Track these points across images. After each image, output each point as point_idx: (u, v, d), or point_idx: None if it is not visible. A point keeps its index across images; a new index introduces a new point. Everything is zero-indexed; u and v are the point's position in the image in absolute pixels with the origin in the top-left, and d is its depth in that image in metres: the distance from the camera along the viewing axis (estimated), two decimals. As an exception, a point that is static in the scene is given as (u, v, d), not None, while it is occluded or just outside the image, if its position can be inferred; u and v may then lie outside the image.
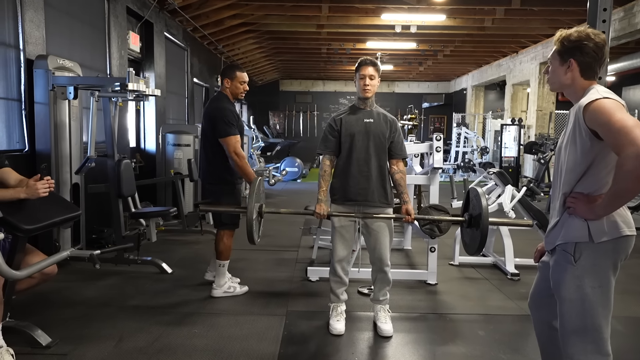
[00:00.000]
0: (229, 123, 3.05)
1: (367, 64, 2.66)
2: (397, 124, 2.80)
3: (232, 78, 3.16)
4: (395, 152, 2.76)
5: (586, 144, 1.56)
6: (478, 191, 2.61)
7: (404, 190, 2.75)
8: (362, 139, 2.67)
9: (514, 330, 2.87)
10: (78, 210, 2.60)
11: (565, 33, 1.62)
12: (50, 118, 3.80)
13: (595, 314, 1.59)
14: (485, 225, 2.43)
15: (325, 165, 2.73)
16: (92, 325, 2.77)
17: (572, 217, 1.63)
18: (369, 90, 2.67)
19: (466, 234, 2.75)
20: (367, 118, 2.70)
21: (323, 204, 2.68)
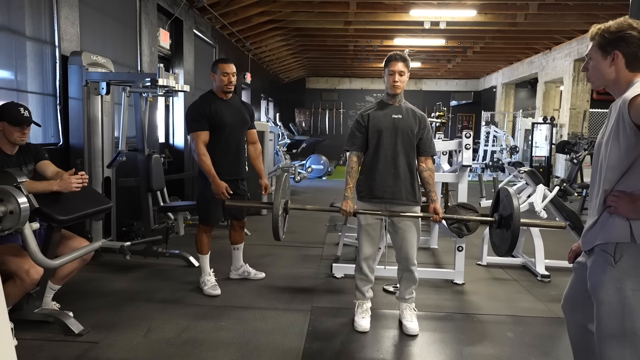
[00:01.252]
0: (193, 119, 3.04)
1: (396, 60, 2.60)
2: (426, 120, 2.75)
3: (215, 71, 3.10)
4: (423, 149, 2.71)
5: (631, 140, 1.48)
6: (509, 191, 2.53)
7: (432, 188, 2.70)
8: (390, 135, 2.63)
9: (544, 333, 2.78)
10: (109, 203, 2.67)
11: (603, 26, 1.55)
12: (84, 113, 3.90)
13: (635, 318, 1.51)
14: (517, 226, 2.36)
15: (352, 162, 2.70)
16: (121, 316, 2.84)
17: (612, 217, 1.55)
18: (398, 87, 2.62)
19: (495, 235, 2.67)
20: (395, 114, 2.66)
21: (350, 201, 2.66)
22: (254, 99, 11.59)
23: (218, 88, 3.14)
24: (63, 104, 3.99)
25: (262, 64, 12.24)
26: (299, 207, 2.94)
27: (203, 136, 3.04)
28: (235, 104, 3.24)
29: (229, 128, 3.12)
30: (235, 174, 3.20)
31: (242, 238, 3.49)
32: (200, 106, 3.10)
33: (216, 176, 3.01)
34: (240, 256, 3.52)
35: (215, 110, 3.07)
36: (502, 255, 2.59)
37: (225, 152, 3.13)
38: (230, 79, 3.09)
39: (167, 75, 3.71)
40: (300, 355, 2.39)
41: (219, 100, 3.14)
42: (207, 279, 3.21)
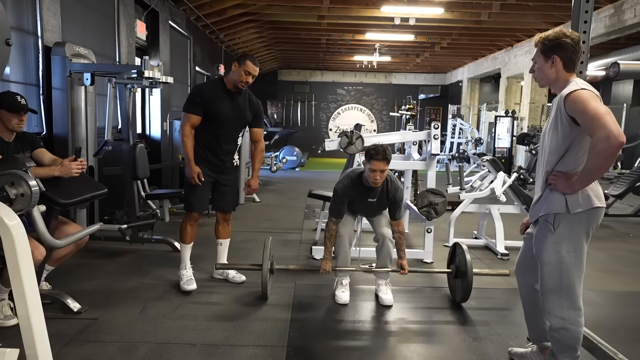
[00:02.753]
0: (190, 100, 3.05)
1: (378, 160, 2.73)
2: (399, 193, 2.96)
3: (240, 64, 3.01)
4: (396, 215, 3.01)
5: (566, 129, 1.81)
6: (463, 247, 2.96)
7: (402, 248, 3.03)
8: (365, 210, 3.09)
9: (503, 301, 3.15)
10: (104, 189, 2.82)
11: (543, 35, 1.88)
12: (68, 103, 3.99)
13: (570, 274, 1.85)
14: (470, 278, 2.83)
15: (331, 229, 2.97)
16: (116, 295, 3.01)
17: (552, 192, 1.88)
18: (378, 183, 2.82)
19: (452, 282, 3.09)
20: (371, 198, 2.96)
21: (328, 261, 2.98)
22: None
23: (233, 80, 3.03)
24: (46, 94, 4.06)
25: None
26: (283, 268, 3.20)
27: (193, 119, 3.00)
28: (240, 100, 3.11)
29: (222, 120, 3.03)
30: (219, 166, 3.13)
31: (227, 233, 3.33)
32: (202, 90, 3.06)
33: (192, 160, 3.01)
34: (224, 253, 3.35)
35: (215, 98, 3.01)
36: (458, 301, 3.00)
37: (213, 142, 3.07)
38: (248, 80, 3.02)
39: (152, 66, 3.85)
40: (288, 324, 2.65)
41: (224, 90, 3.05)
42: (182, 273, 3.14)
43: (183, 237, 3.20)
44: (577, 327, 1.88)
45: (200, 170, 3.05)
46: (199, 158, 3.08)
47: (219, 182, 3.19)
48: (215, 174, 3.15)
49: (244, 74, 3.00)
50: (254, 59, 3.08)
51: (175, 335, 2.49)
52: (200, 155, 3.09)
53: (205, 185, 3.12)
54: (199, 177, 3.05)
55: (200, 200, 3.15)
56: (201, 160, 3.08)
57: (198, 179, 3.05)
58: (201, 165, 3.08)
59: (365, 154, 2.82)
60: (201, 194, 3.14)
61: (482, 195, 4.26)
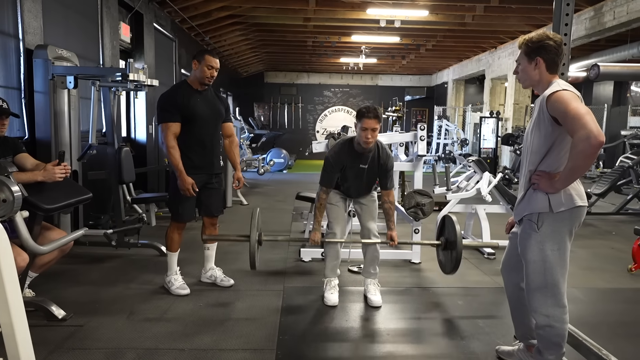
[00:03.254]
0: (164, 110, 2.94)
1: (370, 117, 2.73)
2: (390, 160, 2.98)
3: (200, 60, 2.95)
4: (386, 184, 3.02)
5: (548, 129, 1.84)
6: (452, 219, 2.93)
7: (391, 219, 3.03)
8: (356, 178, 3.00)
9: (490, 300, 3.19)
10: (89, 194, 2.78)
11: (527, 37, 1.91)
12: (50, 107, 3.92)
13: (554, 272, 1.89)
14: (460, 250, 2.78)
15: (321, 198, 2.97)
16: (102, 301, 2.96)
17: (536, 192, 1.92)
18: (370, 143, 2.80)
19: (441, 255, 3.07)
20: (363, 163, 2.94)
21: (318, 232, 2.95)
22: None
23: (197, 78, 2.99)
24: (28, 97, 3.99)
25: (221, 58, 12.19)
26: (272, 239, 3.18)
27: (173, 128, 2.93)
28: (209, 96, 3.10)
29: (202, 120, 3.00)
30: (209, 168, 3.10)
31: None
32: (172, 96, 2.97)
33: (183, 171, 2.92)
34: (211, 257, 3.31)
35: (189, 101, 2.95)
36: (447, 273, 2.97)
37: (197, 145, 3.02)
38: (213, 74, 2.97)
39: (137, 69, 3.81)
40: (277, 327, 2.64)
41: (192, 91, 3.01)
42: (173, 279, 3.11)
43: (170, 245, 3.15)
44: (562, 324, 1.91)
45: (193, 181, 2.98)
46: (186, 167, 2.98)
47: (206, 187, 3.14)
48: (203, 179, 3.09)
49: (207, 69, 2.97)
50: (212, 52, 3.06)
51: (163, 340, 2.46)
52: (186, 165, 2.98)
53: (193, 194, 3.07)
54: (193, 187, 2.98)
55: (189, 209, 3.11)
56: (188, 169, 2.98)
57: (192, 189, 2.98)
58: (189, 174, 2.99)
59: (357, 114, 2.83)
60: (190, 203, 3.09)
61: (469, 195, 4.30)
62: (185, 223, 3.17)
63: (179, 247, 3.20)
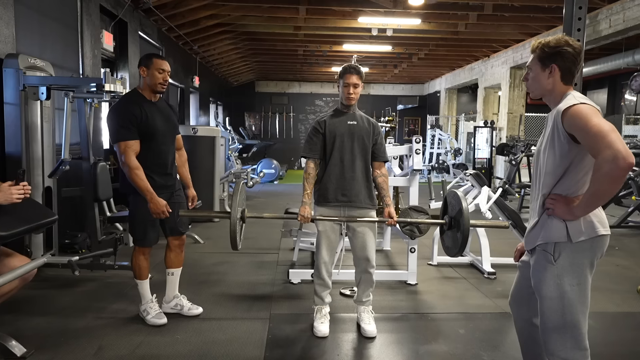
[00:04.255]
0: (121, 126, 2.62)
1: (351, 72, 2.66)
2: (379, 127, 2.86)
3: (148, 66, 2.69)
4: (377, 155, 2.80)
5: (564, 147, 1.63)
6: (457, 193, 2.67)
7: (386, 193, 2.79)
8: (346, 140, 2.71)
9: (493, 327, 2.95)
10: (54, 216, 2.53)
11: (544, 40, 1.69)
12: (21, 119, 3.65)
13: (574, 310, 1.66)
14: (467, 226, 2.49)
15: (309, 168, 2.74)
16: (69, 334, 2.69)
17: (551, 218, 1.69)
18: (352, 99, 2.71)
19: (447, 237, 2.80)
20: (350, 120, 2.75)
21: (307, 206, 2.68)
22: (202, 102, 11.34)
23: (149, 86, 2.72)
24: (-3, 109, 3.72)
25: (211, 67, 12.02)
26: (256, 216, 2.91)
27: (134, 146, 2.64)
28: (163, 107, 2.86)
29: (161, 136, 2.74)
30: (169, 186, 2.86)
31: (179, 262, 3.02)
32: (127, 110, 2.65)
33: (154, 193, 2.64)
34: (175, 284, 3.02)
35: (146, 115, 2.67)
36: (453, 256, 2.71)
37: (158, 164, 2.76)
38: (165, 77, 2.73)
39: (114, 79, 3.57)
40: (261, 364, 2.39)
41: (147, 102, 2.73)
42: (149, 307, 2.87)
43: (139, 273, 2.87)
44: (583, 368, 1.68)
45: (166, 202, 2.71)
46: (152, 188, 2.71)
47: (169, 202, 2.81)
48: (166, 197, 2.81)
49: (158, 73, 2.71)
50: (158, 54, 2.86)
51: (132, 382, 2.20)
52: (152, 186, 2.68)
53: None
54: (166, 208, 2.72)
55: (153, 231, 2.84)
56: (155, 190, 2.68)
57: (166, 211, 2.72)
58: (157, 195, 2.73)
59: (339, 73, 2.71)
60: (154, 226, 2.83)
61: (467, 211, 4.08)
62: (151, 247, 2.90)
63: (148, 273, 2.94)
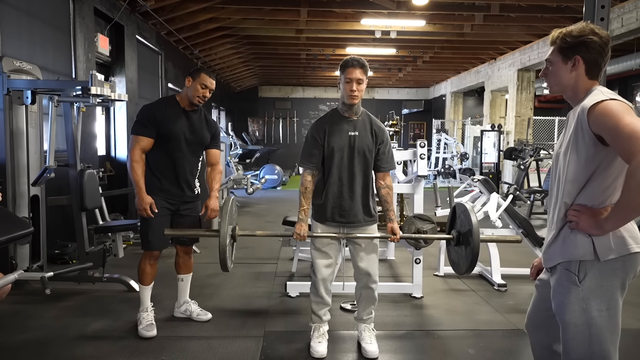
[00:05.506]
0: (139, 122, 2.71)
1: (354, 66, 2.34)
2: (385, 132, 2.54)
3: (195, 78, 2.76)
4: (382, 165, 2.52)
5: (590, 150, 1.41)
6: (466, 207, 2.46)
7: (390, 207, 2.54)
8: (346, 156, 2.44)
9: (505, 347, 2.72)
10: (29, 228, 2.34)
11: (565, 30, 1.48)
12: (6, 125, 3.49)
13: (602, 339, 1.43)
14: (477, 243, 2.28)
15: (306, 182, 2.48)
16: (48, 354, 2.50)
17: (574, 232, 1.47)
18: (356, 97, 2.38)
19: (454, 252, 2.60)
20: (352, 130, 2.44)
21: (304, 223, 2.47)
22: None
23: (187, 97, 2.76)
24: (-20, 115, 3.56)
25: (213, 72, 11.89)
26: (249, 234, 2.71)
27: (144, 142, 2.68)
28: (196, 119, 2.83)
29: (177, 142, 2.72)
30: (177, 195, 2.78)
31: (188, 267, 2.99)
32: (152, 110, 2.74)
33: (143, 188, 2.64)
34: (185, 290, 3.01)
35: (169, 118, 2.71)
36: (461, 274, 2.50)
37: (167, 168, 2.74)
38: (205, 94, 2.75)
39: (102, 83, 3.40)
40: (251, 391, 2.18)
41: (178, 108, 2.76)
42: (142, 317, 2.78)
43: (142, 278, 2.83)
44: (612, 404, 1.46)
45: (152, 201, 2.67)
46: (153, 188, 2.72)
47: (178, 213, 2.83)
48: (173, 205, 2.79)
49: (200, 87, 2.74)
50: (209, 71, 2.86)
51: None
52: (154, 185, 2.73)
53: (164, 219, 2.77)
54: (151, 208, 2.66)
55: (160, 237, 2.74)
56: (156, 191, 2.73)
57: (151, 211, 2.67)
58: (156, 196, 2.71)
59: (340, 67, 2.42)
60: (160, 229, 2.72)
61: (475, 219, 3.86)
62: (157, 252, 2.82)
63: (152, 280, 2.85)
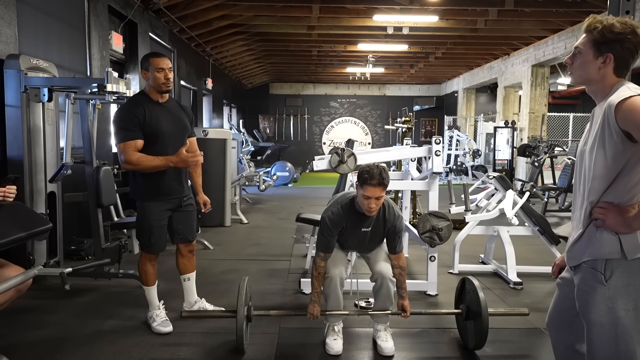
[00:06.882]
0: (123, 128, 2.57)
1: (373, 185, 2.30)
2: (400, 222, 2.55)
3: (147, 68, 2.62)
4: (392, 248, 2.59)
5: (617, 147, 1.38)
6: (475, 284, 2.52)
7: (403, 286, 2.57)
8: (358, 245, 2.65)
9: (523, 346, 2.69)
10: (47, 224, 2.36)
11: (606, 22, 1.42)
12: (23, 122, 3.53)
13: (629, 339, 1.40)
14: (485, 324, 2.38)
15: (319, 267, 2.51)
16: (65, 349, 2.53)
17: (600, 230, 1.44)
18: (373, 211, 2.40)
19: (462, 326, 2.64)
20: (365, 227, 2.53)
21: (317, 305, 2.50)
22: (215, 105, 11.25)
23: (153, 87, 2.65)
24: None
25: (224, 70, 11.93)
26: (263, 314, 2.72)
27: (133, 145, 2.56)
28: (172, 108, 2.75)
29: (167, 138, 2.64)
30: (177, 191, 2.75)
31: (192, 266, 2.96)
32: (131, 111, 2.59)
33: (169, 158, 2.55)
34: (192, 288, 2.99)
35: (150, 115, 2.60)
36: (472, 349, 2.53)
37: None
38: (167, 75, 2.62)
39: (117, 80, 3.42)
40: (267, 387, 2.18)
41: (153, 103, 2.65)
42: (155, 314, 2.78)
43: (145, 279, 2.82)
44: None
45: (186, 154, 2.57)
46: (152, 193, 2.68)
47: (178, 210, 2.80)
48: (173, 204, 2.77)
49: (158, 72, 2.62)
50: (156, 53, 2.79)
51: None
52: (154, 190, 2.67)
53: (165, 221, 2.77)
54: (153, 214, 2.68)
55: (161, 239, 2.78)
56: (155, 195, 2.68)
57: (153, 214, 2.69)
58: (156, 200, 2.68)
59: (358, 177, 2.38)
60: (161, 232, 2.77)
61: (491, 217, 3.82)
62: (157, 254, 2.81)
63: (155, 279, 2.87)
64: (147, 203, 2.69)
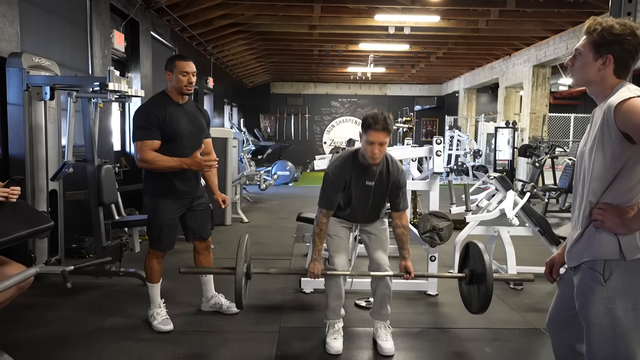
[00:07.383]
0: (142, 127, 2.62)
1: (377, 130, 2.29)
2: (402, 177, 2.55)
3: (172, 69, 2.69)
4: (397, 206, 2.58)
5: (616, 148, 1.39)
6: (479, 247, 2.46)
7: (405, 246, 2.58)
8: (362, 199, 2.57)
9: (522, 346, 2.70)
10: (49, 222, 2.37)
11: (606, 24, 1.43)
12: (25, 120, 3.54)
13: (628, 340, 1.41)
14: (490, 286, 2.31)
15: (321, 223, 2.52)
16: (67, 347, 2.54)
17: (599, 231, 1.45)
18: (377, 159, 2.38)
19: (466, 290, 2.60)
20: (369, 180, 2.51)
21: (318, 263, 2.49)
22: (216, 104, 11.26)
23: (175, 89, 2.72)
24: (0, 110, 3.62)
25: (225, 68, 11.93)
26: (263, 272, 2.72)
27: (151, 145, 2.60)
28: (191, 109, 2.81)
29: (186, 139, 2.69)
30: (190, 191, 2.78)
31: (209, 262, 3.00)
32: (151, 111, 2.64)
33: (184, 159, 2.60)
34: (210, 284, 3.04)
35: (170, 116, 2.64)
36: (474, 313, 2.49)
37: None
38: (190, 79, 2.69)
39: (119, 79, 3.43)
40: (267, 386, 2.19)
41: (173, 104, 2.71)
42: (156, 312, 2.80)
43: (150, 276, 2.83)
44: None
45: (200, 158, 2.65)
46: (166, 192, 2.71)
47: (190, 209, 2.84)
48: (187, 202, 2.81)
49: (182, 76, 2.68)
50: (183, 55, 2.82)
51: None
52: (167, 189, 2.70)
53: (175, 220, 2.80)
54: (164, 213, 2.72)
55: (171, 237, 2.82)
56: (169, 195, 2.71)
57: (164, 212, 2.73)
58: (170, 199, 2.72)
59: (362, 123, 2.39)
60: (171, 231, 2.80)
61: (491, 217, 3.82)
62: (164, 252, 2.84)
63: (160, 277, 2.88)
64: (160, 200, 2.72)
